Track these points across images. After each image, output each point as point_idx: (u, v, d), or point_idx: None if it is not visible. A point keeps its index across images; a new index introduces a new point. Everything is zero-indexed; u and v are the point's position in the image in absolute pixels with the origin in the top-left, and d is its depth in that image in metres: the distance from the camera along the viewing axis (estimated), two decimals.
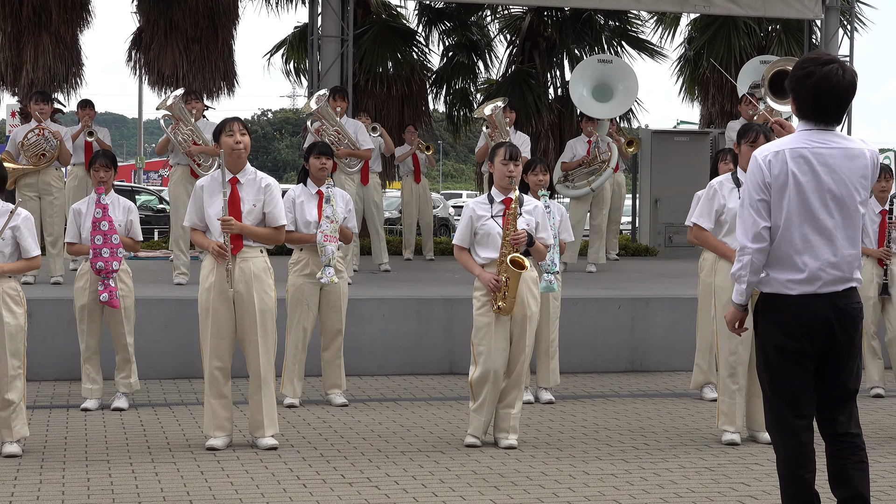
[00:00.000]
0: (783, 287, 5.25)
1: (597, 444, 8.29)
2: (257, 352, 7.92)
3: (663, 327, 11.69)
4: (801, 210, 5.21)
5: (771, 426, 5.44)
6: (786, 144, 5.27)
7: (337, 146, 12.76)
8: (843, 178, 5.24)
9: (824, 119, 5.26)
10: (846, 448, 5.30)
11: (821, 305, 5.21)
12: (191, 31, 18.75)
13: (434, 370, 11.24)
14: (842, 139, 5.29)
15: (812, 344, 5.23)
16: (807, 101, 5.25)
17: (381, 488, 6.93)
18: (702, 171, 17.22)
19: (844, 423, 5.32)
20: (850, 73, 5.21)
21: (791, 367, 5.27)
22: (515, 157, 8.10)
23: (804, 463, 5.30)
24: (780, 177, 5.22)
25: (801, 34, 19.50)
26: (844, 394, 5.32)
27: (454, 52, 21.27)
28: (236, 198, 7.92)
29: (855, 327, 5.29)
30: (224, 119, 8.08)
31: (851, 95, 5.24)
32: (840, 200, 5.24)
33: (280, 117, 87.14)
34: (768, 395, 5.40)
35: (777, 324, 5.27)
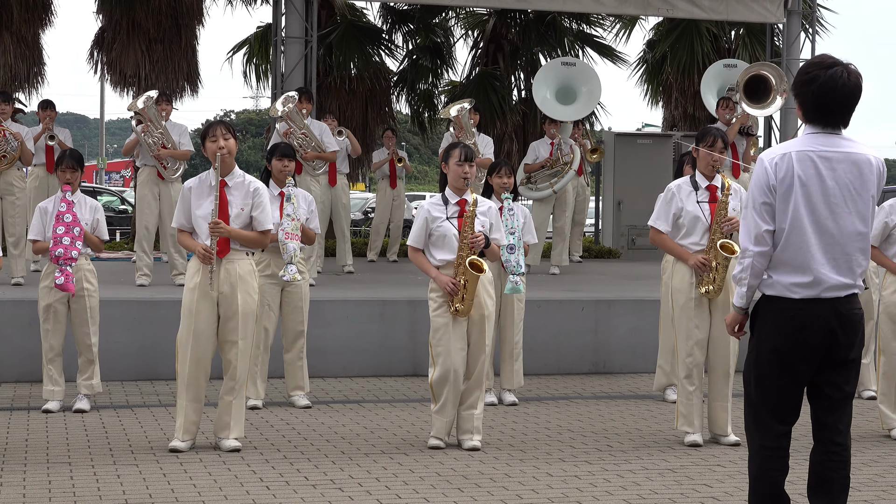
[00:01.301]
0: (786, 290, 5.21)
1: (560, 445, 8.30)
2: (237, 354, 7.89)
3: (626, 329, 11.73)
4: (805, 214, 5.18)
5: (750, 426, 5.41)
6: (792, 147, 5.25)
7: (304, 148, 12.74)
8: (849, 183, 5.21)
9: (830, 122, 5.23)
10: (836, 461, 5.28)
11: (822, 311, 5.18)
12: (153, 31, 18.65)
13: (397, 372, 11.23)
14: (848, 144, 5.25)
15: (810, 350, 5.20)
16: (812, 106, 5.23)
17: (345, 490, 6.92)
18: (665, 174, 17.29)
19: (841, 433, 5.30)
20: (854, 75, 5.19)
21: (783, 372, 5.24)
22: (470, 158, 8.11)
23: (777, 465, 5.30)
24: (786, 180, 5.20)
25: (763, 37, 19.63)
26: (840, 394, 5.30)
27: (418, 53, 21.29)
28: (224, 201, 7.90)
29: (856, 332, 5.25)
30: (209, 123, 8.10)
31: (857, 98, 5.21)
32: (846, 205, 5.21)
33: (243, 118, 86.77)
34: (752, 396, 5.36)
35: (776, 327, 5.23)
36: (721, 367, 8.33)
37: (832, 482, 5.27)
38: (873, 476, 7.49)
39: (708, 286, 8.19)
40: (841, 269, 5.21)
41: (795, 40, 17.78)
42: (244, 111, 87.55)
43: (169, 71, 18.78)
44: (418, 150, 75.23)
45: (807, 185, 5.18)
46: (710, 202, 8.25)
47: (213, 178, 7.93)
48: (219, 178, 7.88)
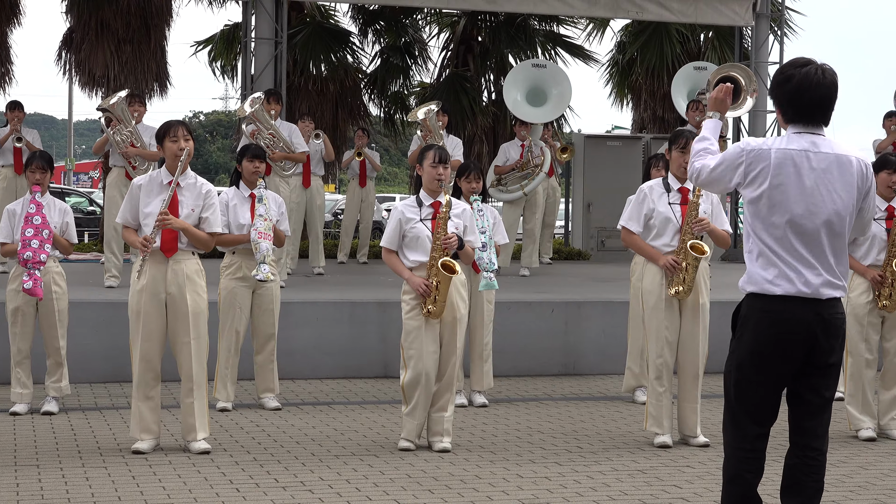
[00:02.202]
0: (768, 285, 5.17)
1: (530, 447, 8.31)
2: (189, 355, 7.87)
3: (596, 331, 11.75)
4: (786, 213, 5.16)
5: (726, 427, 5.39)
6: (774, 144, 5.23)
7: (271, 149, 12.71)
8: (830, 184, 5.19)
9: (810, 120, 5.22)
10: (811, 466, 5.28)
11: (804, 313, 5.15)
12: (122, 31, 18.55)
13: (368, 374, 11.22)
14: (831, 144, 5.24)
15: (791, 352, 5.18)
16: (790, 105, 5.23)
17: (315, 492, 6.91)
18: (634, 176, 17.33)
19: (819, 438, 5.29)
20: (829, 72, 5.20)
21: (763, 374, 5.23)
22: (445, 160, 8.11)
23: (752, 467, 5.29)
24: (762, 175, 5.19)
25: (732, 40, 19.71)
26: (819, 399, 5.29)
27: (388, 54, 21.28)
28: (175, 201, 7.87)
29: (837, 337, 5.23)
30: (167, 122, 8.02)
31: (834, 94, 5.21)
32: (826, 206, 5.18)
33: (212, 119, 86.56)
34: (730, 397, 5.35)
35: (758, 327, 5.21)
36: (691, 368, 8.36)
37: (805, 486, 5.27)
38: (841, 477, 7.53)
39: (678, 287, 8.22)
40: (822, 270, 5.19)
41: (764, 43, 17.86)
42: (213, 112, 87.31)
43: (138, 71, 18.68)
44: (388, 152, 75.12)
45: (786, 186, 5.17)
46: (681, 204, 8.29)
47: (164, 176, 7.90)
48: (175, 177, 7.84)
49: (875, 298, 8.72)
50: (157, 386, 7.95)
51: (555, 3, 17.19)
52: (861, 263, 8.75)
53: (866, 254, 8.75)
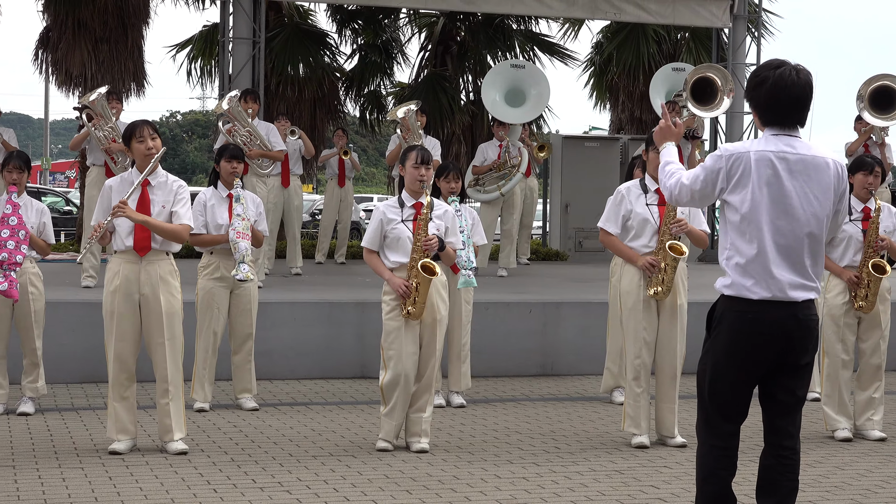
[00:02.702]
0: (745, 291, 5.21)
1: (508, 447, 8.32)
2: (164, 356, 7.84)
3: (574, 331, 11.76)
4: (763, 215, 5.19)
5: (700, 426, 5.44)
6: (752, 147, 5.25)
7: (248, 147, 12.69)
8: (806, 186, 5.22)
9: (787, 122, 5.25)
10: (786, 465, 5.32)
11: (779, 314, 5.19)
12: (99, 30, 18.48)
13: (345, 374, 11.21)
14: (808, 146, 5.27)
15: (765, 353, 5.22)
16: (766, 107, 5.25)
17: (293, 493, 6.90)
18: (612, 177, 17.37)
19: (792, 437, 5.33)
20: (804, 73, 5.23)
21: (736, 374, 5.27)
22: (427, 160, 8.12)
23: (726, 465, 5.34)
24: (742, 179, 5.22)
25: (709, 42, 19.77)
26: (793, 399, 5.33)
27: (367, 53, 21.26)
28: (146, 200, 7.85)
29: (811, 339, 5.28)
30: (133, 123, 7.99)
31: (809, 95, 5.24)
32: (803, 207, 5.21)
33: (189, 119, 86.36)
34: (704, 396, 5.39)
35: (733, 328, 5.25)
36: (669, 369, 8.38)
37: (780, 485, 5.31)
38: (817, 477, 7.56)
39: (657, 287, 8.24)
40: (797, 273, 5.22)
41: (741, 44, 17.92)
42: (190, 112, 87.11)
43: (115, 71, 18.61)
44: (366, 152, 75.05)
45: (765, 189, 5.19)
46: (659, 205, 8.30)
47: (135, 176, 7.89)
48: (143, 176, 7.83)
49: (851, 299, 8.75)
50: (131, 386, 7.92)
51: (533, 3, 17.21)
52: (837, 265, 8.78)
53: (842, 255, 8.79)
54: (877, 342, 8.84)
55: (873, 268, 8.67)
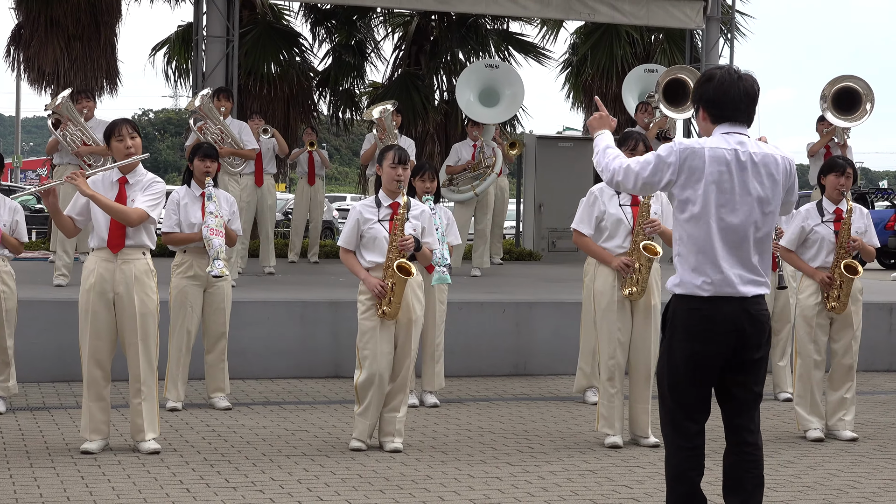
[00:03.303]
0: (696, 289, 5.28)
1: (481, 447, 8.32)
2: (137, 355, 7.82)
3: (547, 331, 11.78)
4: (714, 211, 5.25)
5: (665, 427, 5.49)
6: (706, 143, 5.30)
7: (220, 145, 12.66)
8: (757, 182, 5.29)
9: (736, 117, 5.32)
10: (749, 461, 5.37)
11: (731, 310, 5.26)
12: (72, 27, 18.39)
13: (319, 374, 11.19)
14: (758, 144, 5.35)
15: (720, 349, 5.28)
16: (715, 103, 5.32)
17: (266, 492, 6.89)
18: (585, 177, 17.39)
19: (752, 433, 5.38)
20: (746, 75, 5.33)
21: (695, 371, 5.32)
22: (404, 160, 8.12)
23: (694, 465, 5.37)
24: (695, 174, 5.27)
25: (682, 43, 19.83)
26: (750, 395, 5.39)
27: (340, 52, 21.24)
28: (123, 198, 7.82)
29: (763, 333, 5.35)
30: (114, 122, 7.97)
31: (756, 92, 5.32)
32: (753, 204, 5.28)
33: (162, 117, 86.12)
34: (666, 397, 5.44)
35: (687, 326, 5.31)
36: (642, 369, 8.40)
37: (745, 482, 5.37)
38: (790, 477, 7.59)
39: (631, 288, 8.26)
40: (747, 269, 5.30)
41: (714, 46, 17.99)
42: (163, 110, 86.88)
43: (88, 69, 18.53)
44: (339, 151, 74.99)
45: (717, 184, 5.26)
46: (632, 205, 8.32)
47: (115, 174, 7.88)
48: (118, 164, 7.82)
49: (824, 300, 8.80)
50: (107, 386, 7.90)
51: (507, 3, 17.22)
52: (810, 266, 8.83)
53: (815, 256, 8.84)
54: (848, 343, 8.88)
55: (845, 269, 8.71)
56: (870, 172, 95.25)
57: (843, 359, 8.90)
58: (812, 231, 8.83)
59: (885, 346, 12.64)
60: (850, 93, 14.36)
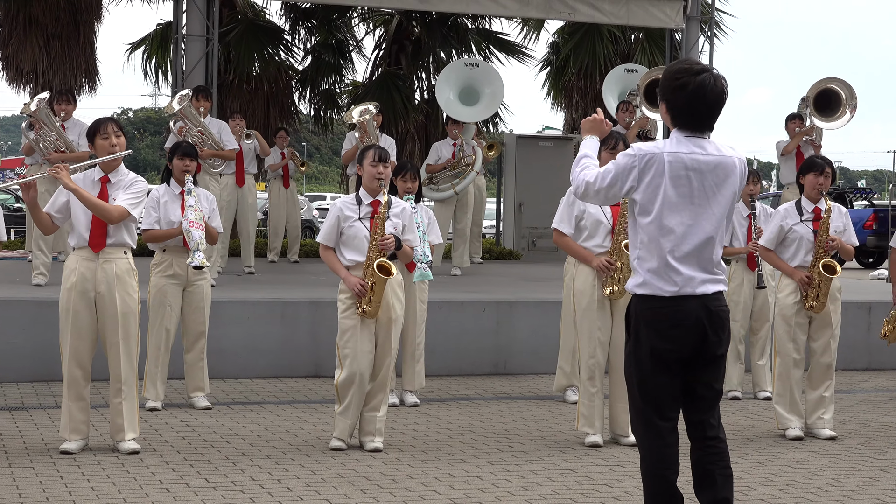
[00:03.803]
0: (657, 290, 5.34)
1: (462, 446, 8.32)
2: (118, 354, 7.79)
3: (527, 331, 11.79)
4: (674, 214, 5.30)
5: (636, 427, 5.53)
6: (663, 148, 5.35)
7: (200, 146, 12.63)
8: (715, 185, 5.34)
9: (699, 127, 5.36)
10: (714, 454, 5.41)
11: (692, 308, 5.32)
12: (51, 26, 18.36)
13: (299, 373, 11.18)
14: (715, 147, 5.39)
15: (683, 346, 5.33)
16: (682, 111, 5.35)
17: (246, 492, 6.87)
18: (565, 177, 17.36)
19: (714, 428, 5.43)
20: (720, 81, 5.33)
21: (661, 370, 5.36)
22: (385, 159, 8.11)
23: (668, 464, 5.40)
24: (655, 179, 5.31)
25: (663, 42, 19.86)
26: (712, 393, 5.44)
27: (320, 52, 21.21)
28: (105, 196, 7.80)
29: (724, 329, 5.41)
30: (98, 120, 7.95)
31: (723, 103, 5.36)
32: (710, 206, 5.34)
33: (141, 116, 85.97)
34: (636, 398, 5.48)
35: (651, 326, 5.36)
36: (623, 368, 8.39)
37: (714, 475, 5.40)
38: (769, 475, 7.62)
39: (613, 286, 8.27)
40: (704, 269, 5.36)
41: (694, 45, 18.02)
42: (142, 109, 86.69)
43: (67, 67, 18.50)
44: (319, 151, 74.92)
45: (675, 187, 5.31)
46: (611, 205, 8.33)
47: (97, 173, 7.86)
48: (98, 161, 7.80)
49: (802, 299, 8.82)
50: (87, 385, 7.87)
51: (487, 3, 17.22)
52: (788, 265, 8.86)
53: (794, 255, 8.87)
54: (827, 341, 8.91)
55: (824, 268, 8.74)
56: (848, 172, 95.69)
57: (821, 357, 8.93)
58: (791, 230, 8.86)
59: (864, 344, 12.70)
60: (830, 95, 14.42)
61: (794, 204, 8.95)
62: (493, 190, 22.17)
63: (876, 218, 27.92)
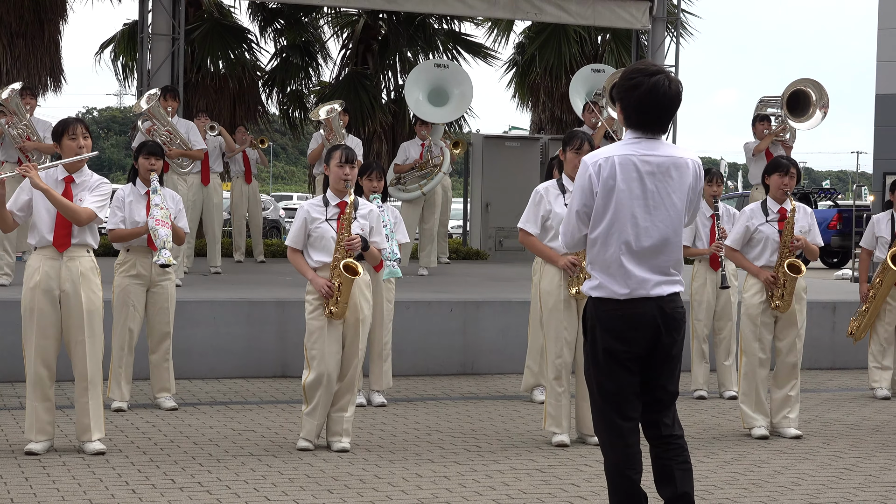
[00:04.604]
0: (612, 293, 5.37)
1: (429, 446, 8.32)
2: (84, 353, 7.75)
3: (494, 330, 11.80)
4: (628, 216, 5.33)
5: (598, 428, 5.55)
6: (615, 151, 5.38)
7: (168, 146, 12.59)
8: (668, 186, 5.36)
9: (652, 129, 5.39)
10: (671, 449, 5.45)
11: (647, 309, 5.35)
12: (15, 24, 18.23)
13: (266, 373, 11.15)
14: (668, 148, 5.42)
15: (639, 347, 5.37)
16: (635, 112, 5.37)
17: (213, 493, 6.85)
18: (532, 176, 17.44)
19: (669, 426, 5.47)
20: (675, 83, 5.34)
21: (619, 370, 5.39)
22: (351, 160, 8.10)
23: (631, 464, 5.42)
24: (609, 181, 5.33)
25: (629, 43, 19.92)
26: (666, 395, 5.48)
27: (288, 52, 21.18)
28: (69, 197, 7.76)
29: (679, 331, 5.44)
30: (66, 120, 7.91)
31: (677, 105, 5.37)
32: (664, 207, 5.36)
33: (106, 115, 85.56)
34: (596, 398, 5.50)
35: (606, 327, 5.38)
36: None
37: (672, 470, 5.43)
38: (735, 474, 7.65)
39: (578, 286, 8.29)
40: (661, 269, 5.38)
41: (660, 45, 18.08)
42: (107, 108, 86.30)
43: (31, 66, 18.37)
44: (286, 151, 74.80)
45: (629, 189, 5.33)
46: None
47: (60, 172, 7.82)
48: (62, 162, 7.76)
49: (768, 299, 8.87)
50: (52, 385, 7.83)
51: (454, 3, 17.21)
52: (754, 265, 8.90)
53: (759, 255, 8.91)
54: (793, 341, 8.96)
55: (789, 268, 8.79)
56: (813, 172, 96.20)
57: (787, 357, 8.98)
58: (756, 230, 8.91)
59: (829, 344, 12.78)
60: (800, 95, 14.50)
61: (760, 204, 9.00)
62: (459, 190, 22.19)
63: (840, 218, 28.12)
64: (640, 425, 5.49)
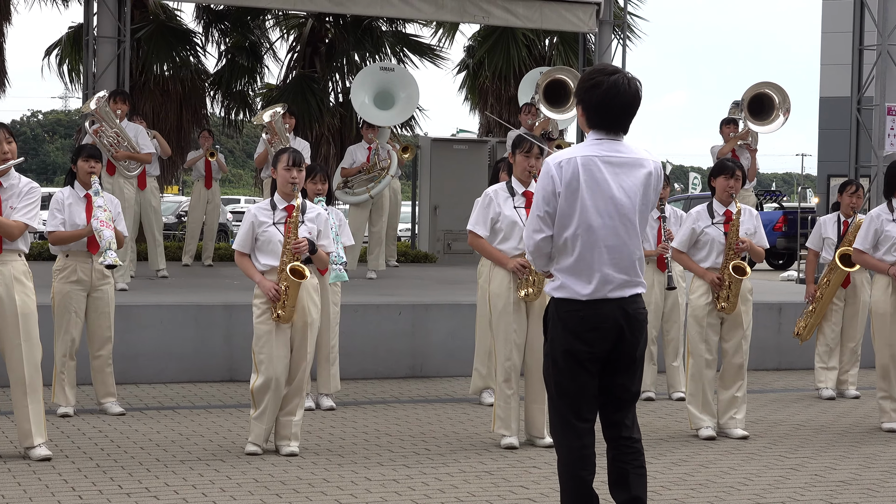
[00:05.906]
0: (574, 294, 5.38)
1: (378, 449, 8.31)
2: (21, 357, 7.68)
3: (443, 333, 11.80)
4: (591, 217, 5.34)
5: (554, 428, 5.56)
6: (577, 152, 5.39)
7: (116, 149, 12.50)
8: (630, 187, 5.38)
9: (613, 128, 5.41)
10: (628, 453, 5.46)
11: (610, 310, 5.36)
12: None
13: (213, 378, 11.09)
14: (630, 149, 5.44)
15: (600, 348, 5.38)
16: (596, 112, 5.39)
17: (160, 499, 6.81)
18: (480, 179, 17.46)
19: (628, 428, 5.48)
20: (634, 83, 5.38)
21: (578, 371, 5.40)
22: (299, 163, 8.09)
23: (585, 465, 5.44)
24: (572, 183, 5.34)
25: (577, 45, 19.99)
26: (628, 395, 5.49)
27: (233, 53, 21.09)
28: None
29: (641, 332, 5.45)
30: None
31: (637, 104, 5.40)
32: (627, 208, 5.38)
33: (51, 119, 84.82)
34: (553, 398, 5.51)
35: (567, 328, 5.39)
36: (539, 369, 8.42)
37: (627, 474, 5.45)
38: (682, 475, 7.69)
39: (528, 289, 8.30)
40: (624, 270, 5.40)
41: (607, 48, 18.15)
42: (52, 112, 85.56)
43: None
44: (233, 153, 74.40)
45: (590, 189, 5.35)
46: (526, 207, 8.36)
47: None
48: None
49: (714, 300, 8.93)
50: None
51: (402, 6, 17.19)
52: (700, 266, 8.96)
53: (706, 257, 8.97)
54: (739, 342, 9.02)
55: (734, 269, 8.86)
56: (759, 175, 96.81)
57: (733, 358, 9.04)
58: (703, 233, 8.97)
59: (775, 345, 12.88)
60: (763, 98, 14.60)
61: (706, 206, 9.06)
62: (408, 193, 22.18)
63: (785, 220, 28.34)
64: (598, 426, 5.51)
